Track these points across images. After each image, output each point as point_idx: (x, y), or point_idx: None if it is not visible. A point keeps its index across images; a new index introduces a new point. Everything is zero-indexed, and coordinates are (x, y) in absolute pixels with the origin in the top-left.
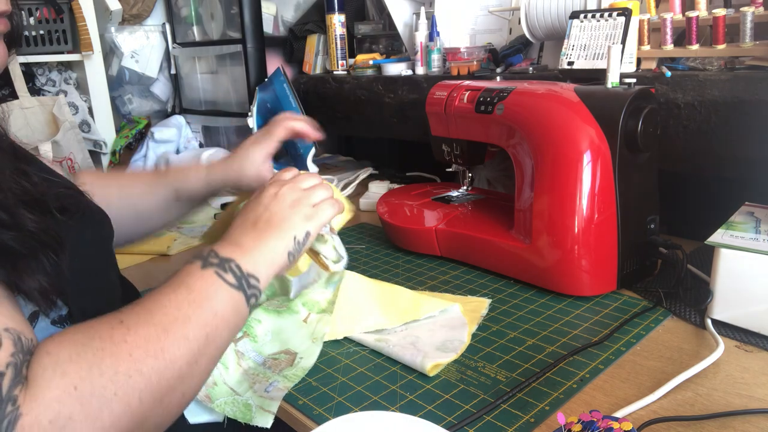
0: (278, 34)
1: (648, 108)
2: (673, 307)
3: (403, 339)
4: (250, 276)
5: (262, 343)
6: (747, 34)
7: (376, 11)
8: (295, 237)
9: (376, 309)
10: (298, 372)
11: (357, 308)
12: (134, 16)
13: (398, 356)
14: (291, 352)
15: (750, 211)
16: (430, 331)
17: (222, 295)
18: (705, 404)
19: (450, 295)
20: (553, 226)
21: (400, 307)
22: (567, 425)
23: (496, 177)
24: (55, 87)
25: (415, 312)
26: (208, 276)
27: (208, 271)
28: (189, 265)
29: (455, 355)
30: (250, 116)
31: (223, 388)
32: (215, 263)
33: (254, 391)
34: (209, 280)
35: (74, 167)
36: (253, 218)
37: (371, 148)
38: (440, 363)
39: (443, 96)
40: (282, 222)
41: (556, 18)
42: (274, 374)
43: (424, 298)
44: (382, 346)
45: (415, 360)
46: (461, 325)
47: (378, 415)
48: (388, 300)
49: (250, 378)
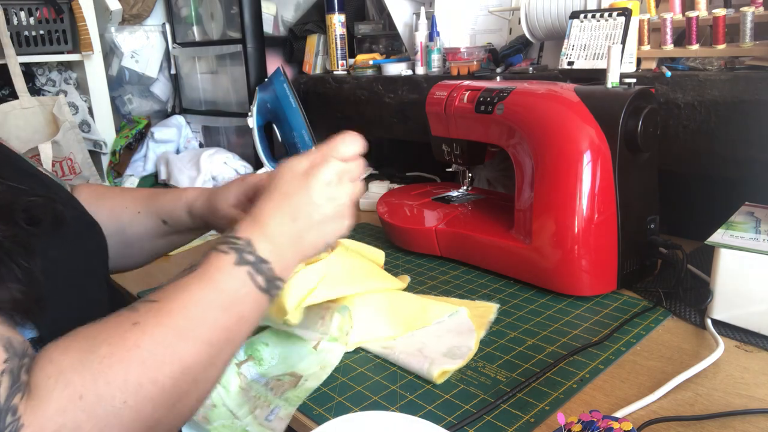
0: (278, 34)
1: (648, 108)
2: (673, 307)
3: (409, 345)
4: (279, 280)
5: (267, 367)
6: (747, 34)
7: (376, 11)
8: (328, 243)
9: (384, 319)
10: (301, 394)
11: (364, 320)
12: (134, 16)
13: (405, 364)
14: (296, 375)
15: (750, 211)
16: (437, 336)
17: (250, 299)
18: (705, 404)
19: (457, 300)
20: (553, 226)
21: (407, 316)
22: (567, 425)
23: (496, 177)
24: (55, 87)
25: (423, 319)
26: (241, 276)
27: (241, 269)
28: (220, 256)
29: (462, 362)
30: (250, 116)
31: (222, 410)
32: (250, 261)
33: (255, 417)
34: (241, 280)
35: (74, 167)
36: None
37: (371, 148)
38: (448, 370)
39: (443, 96)
40: (322, 226)
41: (556, 18)
42: (276, 398)
43: (431, 303)
44: (387, 353)
45: (422, 367)
46: (468, 331)
47: (378, 415)
48: (395, 309)
49: (251, 401)
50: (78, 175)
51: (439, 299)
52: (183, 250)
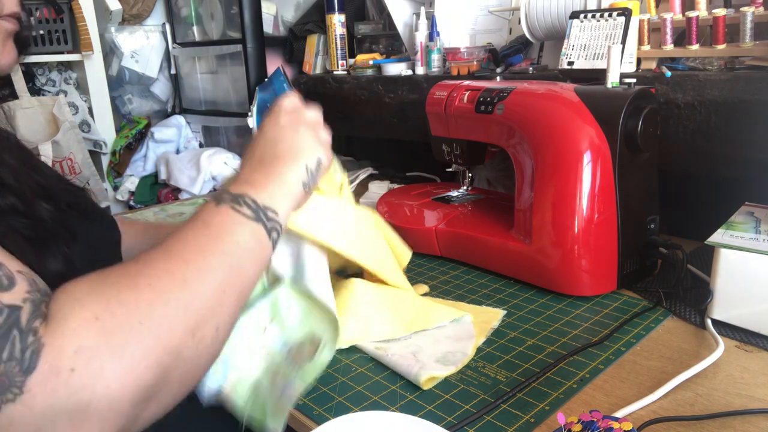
0: (278, 34)
1: (648, 108)
2: (673, 307)
3: (405, 348)
4: (267, 209)
5: (290, 331)
6: (747, 34)
7: (376, 11)
8: (307, 166)
9: (384, 317)
10: (316, 368)
11: (364, 317)
12: (134, 16)
13: (394, 366)
14: (315, 341)
15: (750, 211)
16: (435, 341)
17: (241, 228)
18: (705, 404)
19: (465, 304)
20: (553, 226)
21: (408, 315)
22: (567, 425)
23: (496, 177)
24: (55, 87)
25: (424, 321)
26: (224, 211)
27: (222, 206)
28: (202, 206)
29: (455, 368)
30: (250, 116)
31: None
32: (228, 199)
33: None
34: (226, 214)
35: (74, 167)
36: (259, 153)
37: (371, 148)
38: (436, 376)
39: (443, 96)
40: (290, 152)
41: (556, 18)
42: (294, 370)
43: (435, 306)
44: (380, 354)
45: (410, 371)
46: (468, 338)
47: (378, 415)
48: (396, 307)
49: (273, 374)
50: (78, 175)
51: (446, 302)
52: None
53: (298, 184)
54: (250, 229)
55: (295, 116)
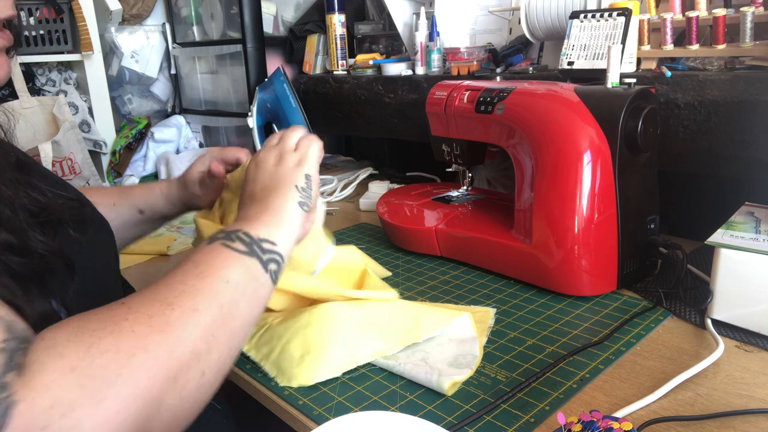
0: (278, 34)
1: (648, 108)
2: (673, 307)
3: (411, 355)
4: (263, 240)
5: None
6: (747, 34)
7: (376, 11)
8: (296, 185)
9: (374, 333)
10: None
11: (352, 337)
12: (134, 16)
13: (411, 375)
14: None
15: (750, 211)
16: (439, 345)
17: (232, 263)
18: (705, 404)
19: (453, 305)
20: (553, 226)
21: (400, 328)
22: (567, 425)
23: (496, 177)
24: (55, 87)
25: (416, 332)
26: (215, 248)
27: (213, 244)
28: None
29: (470, 371)
30: (250, 116)
31: None
32: (221, 237)
33: None
34: (216, 251)
35: (74, 167)
36: (249, 193)
37: (371, 148)
38: (457, 381)
39: (443, 96)
40: (275, 181)
41: (556, 18)
42: None
43: (425, 313)
44: (392, 364)
45: (430, 379)
46: (471, 339)
47: (378, 415)
48: (386, 322)
49: None
50: (78, 175)
51: (434, 305)
52: (183, 250)
53: (294, 208)
54: (243, 265)
55: (276, 150)
